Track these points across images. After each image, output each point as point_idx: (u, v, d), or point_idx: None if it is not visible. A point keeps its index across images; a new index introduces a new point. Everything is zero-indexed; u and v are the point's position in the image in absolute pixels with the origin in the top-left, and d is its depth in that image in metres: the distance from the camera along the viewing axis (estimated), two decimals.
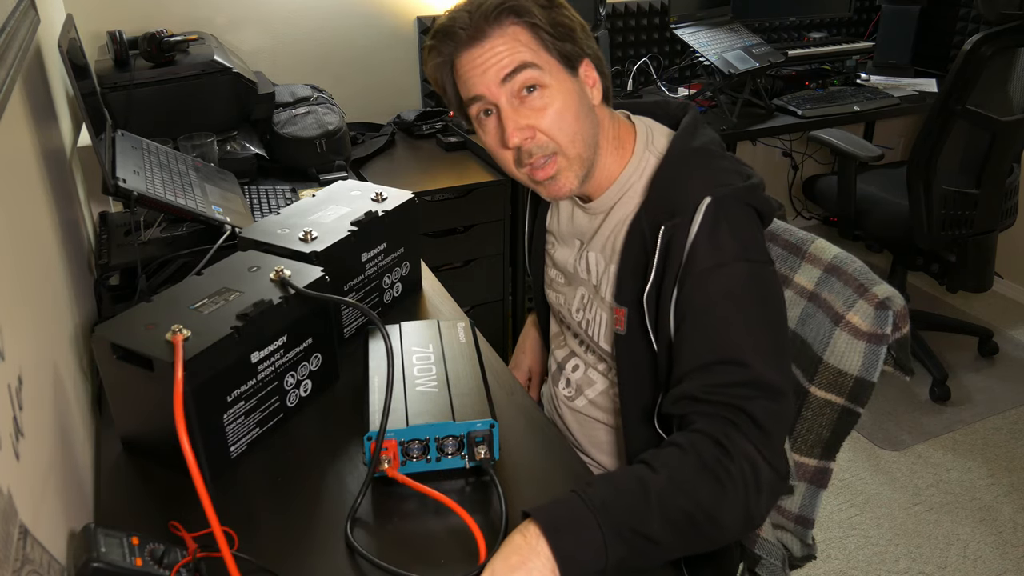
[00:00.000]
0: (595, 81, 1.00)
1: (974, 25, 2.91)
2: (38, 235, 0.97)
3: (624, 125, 1.05)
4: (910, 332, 1.00)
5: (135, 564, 0.70)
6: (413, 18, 2.49)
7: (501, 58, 0.93)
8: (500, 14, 0.93)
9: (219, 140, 1.80)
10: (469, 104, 0.98)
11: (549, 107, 0.94)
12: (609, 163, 1.02)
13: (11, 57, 0.88)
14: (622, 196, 1.03)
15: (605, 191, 1.04)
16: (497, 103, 0.95)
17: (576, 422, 1.20)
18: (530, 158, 0.97)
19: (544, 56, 0.94)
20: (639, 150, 1.03)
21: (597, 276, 1.07)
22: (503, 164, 1.01)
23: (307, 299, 0.97)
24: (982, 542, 1.95)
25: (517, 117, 0.94)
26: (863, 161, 2.30)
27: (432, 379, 0.96)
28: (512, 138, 0.94)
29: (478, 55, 0.94)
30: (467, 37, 0.94)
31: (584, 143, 0.97)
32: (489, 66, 0.93)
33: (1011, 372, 2.59)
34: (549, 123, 0.95)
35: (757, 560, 1.15)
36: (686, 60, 2.77)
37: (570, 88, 0.96)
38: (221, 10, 2.26)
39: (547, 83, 0.94)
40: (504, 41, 0.93)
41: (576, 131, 0.96)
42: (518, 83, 0.93)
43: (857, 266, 1.04)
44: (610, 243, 1.04)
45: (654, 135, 1.04)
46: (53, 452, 0.79)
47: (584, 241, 1.10)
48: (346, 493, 0.89)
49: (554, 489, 0.91)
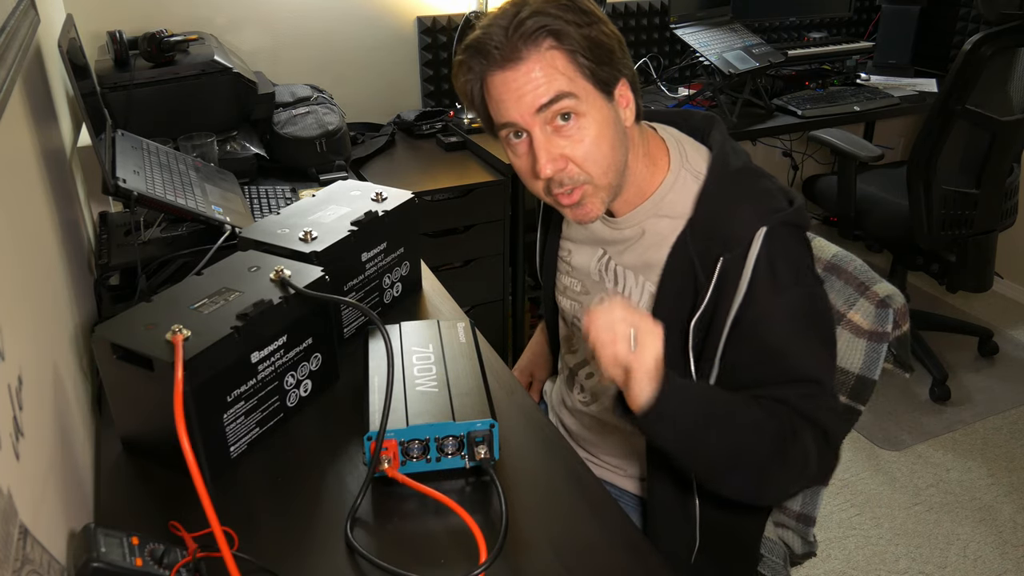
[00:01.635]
0: (629, 101, 0.96)
1: (974, 25, 2.91)
2: (38, 235, 0.97)
3: (654, 140, 1.02)
4: (910, 330, 1.00)
5: (135, 564, 0.70)
6: (413, 18, 2.49)
7: (537, 86, 0.88)
8: (538, 36, 0.88)
9: (219, 140, 1.80)
10: (500, 127, 0.95)
11: (585, 138, 0.91)
12: (640, 180, 1.00)
13: (11, 57, 0.88)
14: (656, 213, 1.00)
15: (636, 207, 1.01)
16: (530, 131, 0.91)
17: (592, 426, 1.20)
18: (560, 187, 0.94)
19: (581, 83, 0.90)
20: (675, 168, 1.00)
21: (627, 290, 1.05)
22: (531, 189, 0.99)
23: (307, 299, 0.97)
24: (982, 542, 1.95)
25: (550, 147, 0.91)
26: (863, 161, 2.30)
27: (432, 379, 0.96)
28: (544, 170, 0.91)
29: (512, 79, 0.89)
30: (501, 58, 0.89)
31: (616, 172, 0.95)
32: (524, 93, 0.89)
33: (1011, 372, 2.59)
34: (584, 154, 0.92)
35: (759, 558, 1.15)
36: (686, 60, 2.78)
37: (606, 116, 0.92)
38: (221, 10, 2.26)
39: (583, 111, 0.90)
40: (541, 67, 0.88)
41: (610, 162, 0.93)
42: (553, 112, 0.90)
43: (857, 264, 1.04)
44: (644, 261, 1.02)
45: (687, 151, 1.02)
46: (53, 452, 0.79)
47: (610, 253, 1.07)
48: (346, 493, 0.89)
49: (554, 489, 0.91)
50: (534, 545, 0.82)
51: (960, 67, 2.04)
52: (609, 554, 0.82)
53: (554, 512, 0.88)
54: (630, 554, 0.83)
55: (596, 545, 0.83)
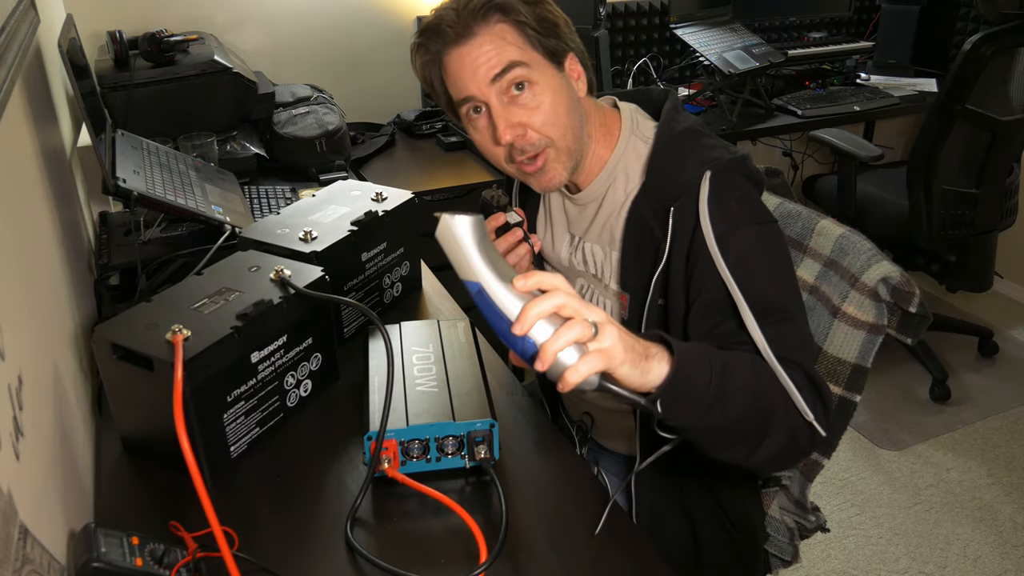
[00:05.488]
0: (580, 74, 1.01)
1: (974, 25, 2.90)
2: (38, 235, 0.97)
3: (609, 112, 1.07)
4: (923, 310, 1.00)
5: (135, 564, 0.70)
6: (413, 18, 2.49)
7: (489, 57, 0.94)
8: (487, 12, 0.93)
9: (219, 140, 1.80)
10: (460, 104, 0.99)
11: (540, 104, 0.95)
12: (598, 150, 1.04)
13: (11, 57, 0.88)
14: (613, 181, 1.04)
15: (595, 177, 1.05)
16: (487, 101, 0.96)
17: (593, 410, 1.21)
18: (522, 154, 0.98)
19: (531, 53, 0.95)
20: (625, 134, 1.04)
21: (597, 265, 1.08)
22: (494, 160, 1.02)
23: (307, 299, 0.97)
24: (982, 542, 1.95)
25: (508, 115, 0.95)
26: (863, 161, 2.30)
27: (432, 379, 0.96)
28: (504, 136, 0.95)
29: (466, 53, 0.94)
30: (454, 35, 0.94)
31: (574, 136, 0.99)
32: (478, 65, 0.94)
33: (1011, 372, 2.59)
34: (541, 120, 0.96)
35: (766, 537, 1.16)
36: (686, 60, 2.77)
37: (558, 83, 0.97)
38: (221, 10, 2.26)
39: (536, 80, 0.95)
40: (491, 39, 0.94)
41: (567, 125, 0.97)
42: (507, 81, 0.94)
43: (859, 247, 1.04)
44: (607, 231, 1.05)
45: (638, 120, 1.06)
46: (53, 452, 0.79)
47: (577, 234, 1.11)
48: (346, 493, 0.89)
49: (554, 489, 0.91)
50: (534, 545, 0.82)
51: (960, 67, 2.04)
52: (609, 554, 0.83)
53: (554, 512, 0.88)
54: (630, 554, 0.83)
55: (596, 545, 0.83)
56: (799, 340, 0.90)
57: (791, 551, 1.16)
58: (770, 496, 1.18)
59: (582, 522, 0.86)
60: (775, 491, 1.18)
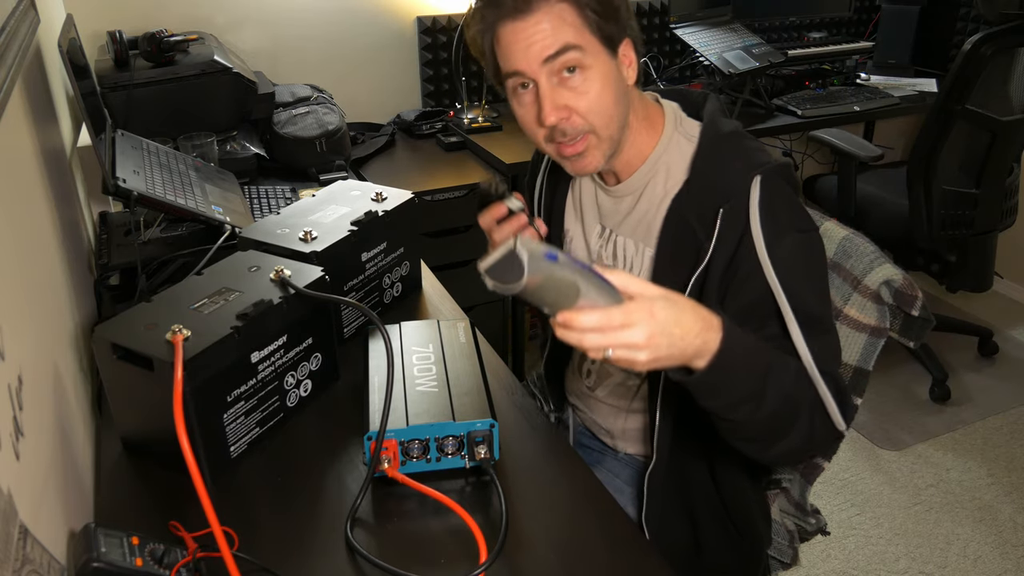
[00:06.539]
0: (632, 61, 0.99)
1: (974, 25, 2.90)
2: (38, 235, 0.97)
3: (652, 106, 1.06)
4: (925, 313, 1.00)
5: (135, 564, 0.70)
6: (413, 18, 2.49)
7: (545, 36, 0.91)
8: None
9: (219, 140, 1.80)
10: (507, 76, 0.97)
11: (589, 91, 0.94)
12: (639, 141, 1.03)
13: (11, 57, 0.88)
14: (653, 176, 1.03)
15: (636, 170, 1.04)
16: (536, 80, 0.94)
17: (600, 409, 1.21)
18: (563, 136, 0.96)
19: (587, 37, 0.93)
20: (668, 130, 1.03)
21: (627, 260, 1.07)
22: (533, 138, 1.01)
23: (307, 299, 0.97)
24: (982, 542, 1.95)
25: (555, 97, 0.94)
26: (863, 161, 2.30)
27: (432, 379, 0.96)
28: (549, 117, 0.94)
29: (522, 29, 0.92)
30: (512, 7, 0.92)
31: (617, 125, 0.98)
32: (533, 43, 0.92)
33: (1011, 372, 2.59)
34: (587, 106, 0.94)
35: (770, 542, 1.16)
36: (686, 60, 2.77)
37: (609, 70, 0.95)
38: (221, 10, 2.26)
39: (588, 65, 0.93)
40: (550, 19, 0.91)
41: (612, 115, 0.96)
42: (560, 64, 0.92)
43: (868, 247, 1.04)
44: (643, 226, 1.04)
45: (682, 117, 1.05)
46: (53, 452, 0.79)
47: (609, 227, 1.10)
48: (346, 493, 0.89)
49: (554, 489, 0.91)
50: (534, 545, 0.82)
51: (960, 67, 2.04)
52: (609, 554, 0.82)
53: (554, 512, 0.88)
54: (630, 554, 0.83)
55: (596, 545, 0.84)
56: (834, 352, 0.93)
57: (791, 554, 1.16)
58: (770, 499, 1.18)
59: (582, 522, 0.86)
60: (775, 493, 1.18)
